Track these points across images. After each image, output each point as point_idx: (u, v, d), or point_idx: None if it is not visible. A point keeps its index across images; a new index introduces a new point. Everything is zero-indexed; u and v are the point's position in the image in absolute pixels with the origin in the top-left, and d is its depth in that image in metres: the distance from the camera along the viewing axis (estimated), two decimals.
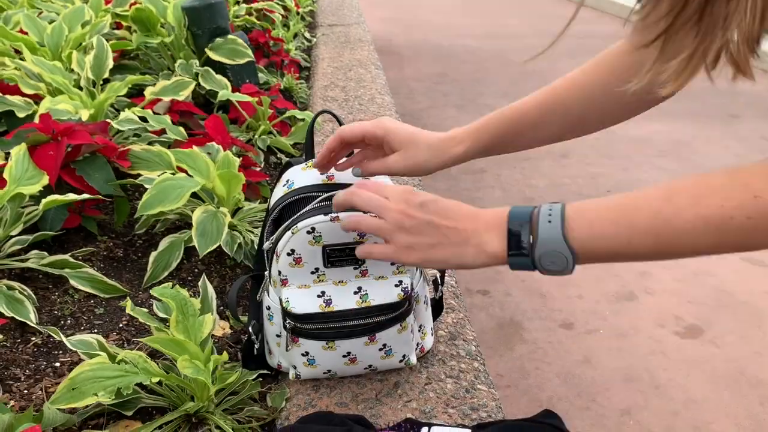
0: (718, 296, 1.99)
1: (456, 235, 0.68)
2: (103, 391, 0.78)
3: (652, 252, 0.60)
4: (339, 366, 0.91)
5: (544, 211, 0.63)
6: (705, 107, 3.65)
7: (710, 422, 1.53)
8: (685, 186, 0.58)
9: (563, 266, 0.63)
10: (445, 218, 0.68)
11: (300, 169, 0.93)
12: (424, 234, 0.69)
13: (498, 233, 0.66)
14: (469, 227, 0.67)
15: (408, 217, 0.69)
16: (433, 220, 0.68)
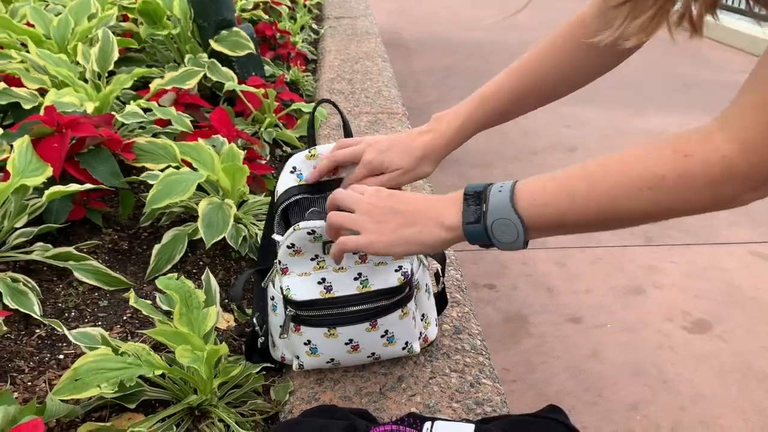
0: (726, 291, 1.97)
1: (418, 216, 0.73)
2: (105, 383, 0.78)
3: (596, 218, 0.63)
4: (342, 354, 0.90)
5: (497, 185, 0.69)
6: (716, 100, 3.61)
7: (718, 417, 1.51)
8: (620, 154, 0.62)
9: (514, 237, 0.67)
10: (408, 203, 0.74)
11: (304, 157, 0.95)
12: (390, 219, 0.74)
13: (454, 206, 0.71)
14: (430, 206, 0.73)
15: (375, 207, 0.75)
16: (397, 207, 0.74)
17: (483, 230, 0.68)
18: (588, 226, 0.65)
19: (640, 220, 0.62)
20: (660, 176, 0.58)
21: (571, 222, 0.64)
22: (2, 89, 1.48)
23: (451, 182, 2.55)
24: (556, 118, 3.27)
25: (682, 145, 0.58)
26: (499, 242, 0.68)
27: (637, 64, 4.68)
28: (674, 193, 0.58)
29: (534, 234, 0.67)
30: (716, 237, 2.25)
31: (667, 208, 0.60)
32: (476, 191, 0.70)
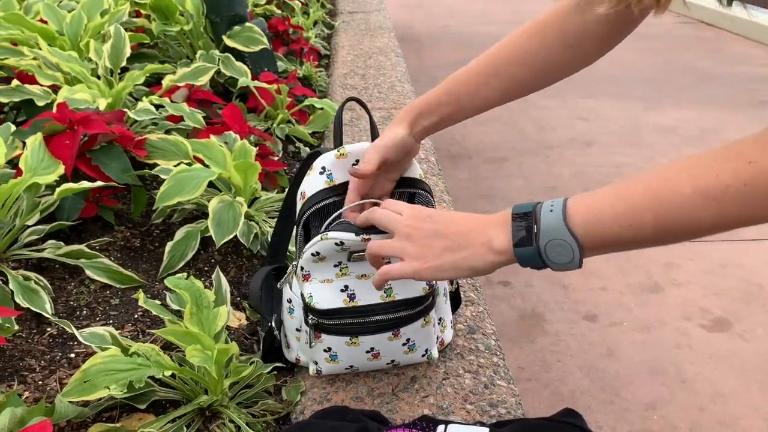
0: (746, 288, 1.94)
1: (463, 239, 0.68)
2: (115, 384, 0.77)
3: (655, 233, 0.59)
4: (362, 361, 0.89)
5: (546, 204, 0.64)
6: (733, 94, 3.56)
7: (738, 417, 1.48)
8: (679, 163, 0.58)
9: (569, 257, 0.62)
10: (452, 224, 0.69)
11: (333, 157, 0.89)
12: (433, 244, 0.69)
13: (503, 228, 0.66)
14: (476, 228, 0.68)
15: (416, 229, 0.70)
16: (440, 229, 0.69)
17: (536, 253, 0.64)
18: (646, 242, 0.61)
19: (706, 231, 0.58)
20: (725, 186, 0.54)
21: (629, 238, 0.60)
22: (15, 86, 1.48)
23: (464, 176, 2.53)
24: (571, 111, 3.24)
25: (746, 151, 0.54)
26: (553, 263, 0.64)
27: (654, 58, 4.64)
28: (740, 203, 0.54)
29: (590, 253, 0.63)
30: (735, 233, 2.21)
31: (735, 217, 0.55)
32: (525, 212, 0.65)
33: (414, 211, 0.73)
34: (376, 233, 0.78)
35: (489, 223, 0.68)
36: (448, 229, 0.69)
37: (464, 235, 0.68)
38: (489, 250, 0.67)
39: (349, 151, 0.89)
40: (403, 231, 0.71)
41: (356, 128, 1.83)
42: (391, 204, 0.76)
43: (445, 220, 0.70)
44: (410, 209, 0.73)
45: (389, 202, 0.77)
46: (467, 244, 0.68)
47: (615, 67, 3.93)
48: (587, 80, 3.70)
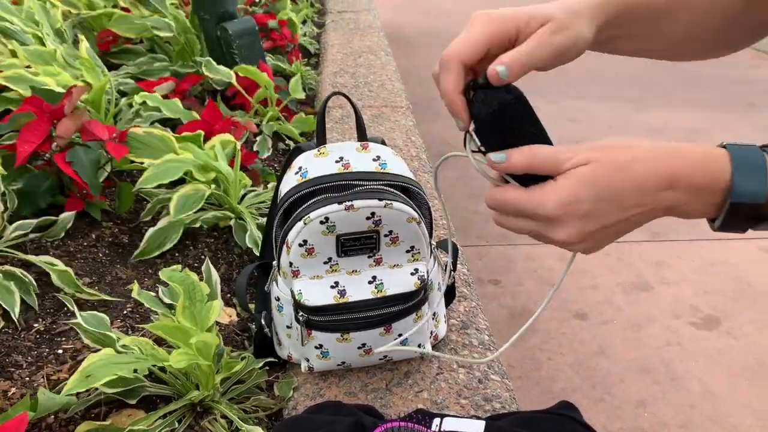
0: (735, 286, 1.95)
1: (646, 217, 0.55)
2: (119, 371, 0.76)
3: None
4: (353, 357, 0.88)
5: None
6: (722, 95, 3.59)
7: (728, 415, 1.49)
8: None
9: None
10: (628, 209, 0.54)
11: (312, 156, 0.88)
12: (611, 237, 0.56)
13: (705, 202, 0.53)
14: (661, 204, 0.54)
15: (590, 237, 0.55)
16: (617, 226, 0.55)
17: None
18: None
19: None
20: None
21: None
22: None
23: (453, 175, 2.52)
24: (561, 112, 3.25)
25: None
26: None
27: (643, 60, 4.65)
28: None
29: None
30: (724, 234, 2.23)
31: None
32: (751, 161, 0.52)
33: (560, 212, 0.54)
34: None
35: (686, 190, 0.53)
36: (627, 216, 0.54)
37: (647, 214, 0.55)
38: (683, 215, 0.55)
39: (330, 150, 0.88)
40: (576, 247, 0.57)
41: (346, 125, 1.83)
42: (509, 207, 0.57)
43: (617, 207, 0.54)
44: (551, 211, 0.54)
45: (505, 205, 0.57)
46: (652, 217, 0.55)
47: (605, 68, 3.95)
48: (577, 81, 3.72)
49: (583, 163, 0.53)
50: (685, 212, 0.55)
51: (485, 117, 0.55)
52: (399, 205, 0.81)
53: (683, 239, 2.19)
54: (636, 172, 0.53)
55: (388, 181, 0.84)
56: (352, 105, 0.96)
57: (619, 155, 0.54)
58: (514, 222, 0.58)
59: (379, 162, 0.86)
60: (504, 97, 0.55)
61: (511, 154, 0.55)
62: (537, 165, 0.54)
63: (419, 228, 0.83)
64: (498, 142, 0.55)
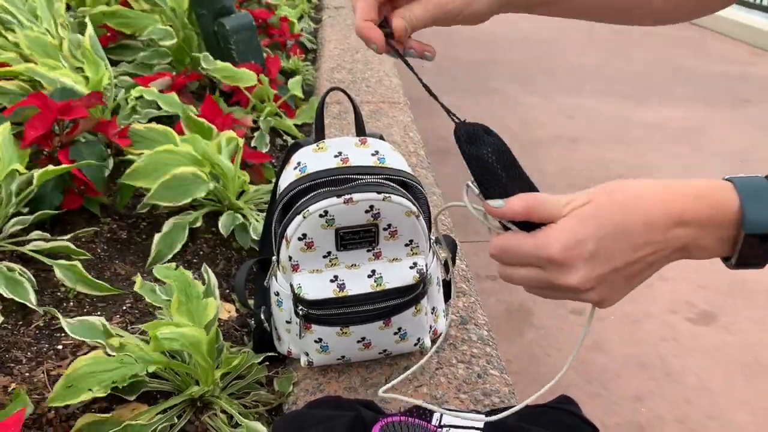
0: (731, 282, 1.96)
1: (659, 257, 0.53)
2: (98, 386, 0.77)
3: None
4: (353, 352, 0.88)
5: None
6: (716, 92, 3.60)
7: (724, 409, 1.50)
8: None
9: None
10: (638, 249, 0.52)
11: (311, 151, 0.88)
12: (627, 282, 0.54)
13: (717, 236, 0.52)
14: (673, 243, 0.52)
15: (602, 281, 0.53)
16: (630, 268, 0.53)
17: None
18: None
19: None
20: None
21: None
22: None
23: (449, 172, 2.53)
24: (557, 109, 3.25)
25: None
26: None
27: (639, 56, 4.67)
28: None
29: None
30: None
31: None
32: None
33: (566, 254, 0.51)
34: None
35: (695, 231, 0.52)
36: (636, 257, 0.52)
37: (660, 258, 0.53)
38: (696, 256, 0.54)
39: (329, 145, 0.88)
40: (588, 297, 0.54)
41: (344, 121, 1.83)
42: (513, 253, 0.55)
43: (623, 249, 0.52)
44: (558, 252, 0.52)
45: (508, 251, 0.55)
46: (664, 260, 0.53)
47: (601, 65, 3.95)
48: (573, 78, 3.72)
49: (584, 203, 0.52)
50: (698, 250, 0.53)
51: (472, 154, 0.54)
52: (398, 198, 0.81)
53: None
54: (641, 209, 0.51)
55: (386, 175, 0.84)
56: (350, 100, 0.96)
57: (621, 193, 0.52)
58: (520, 272, 0.55)
59: (378, 157, 0.87)
60: (486, 139, 0.54)
61: (510, 200, 0.53)
62: (537, 209, 0.53)
63: (418, 222, 0.84)
64: (489, 180, 0.55)
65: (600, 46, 4.17)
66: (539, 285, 0.55)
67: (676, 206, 0.51)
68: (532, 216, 0.53)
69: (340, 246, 0.83)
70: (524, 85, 3.47)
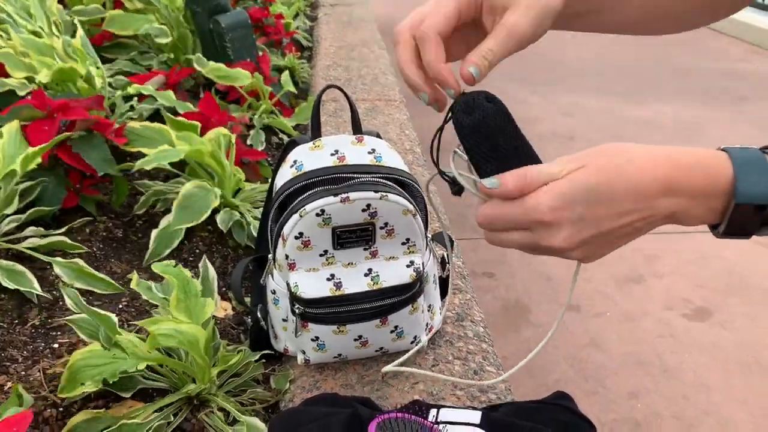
0: (727, 279, 1.96)
1: (646, 224, 0.53)
2: (90, 381, 0.77)
3: None
4: (350, 350, 0.88)
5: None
6: (712, 89, 3.61)
7: (720, 405, 1.50)
8: None
9: None
10: (625, 214, 0.52)
11: (308, 149, 0.88)
12: (611, 245, 0.55)
13: (708, 206, 0.52)
14: (662, 211, 0.53)
15: (587, 243, 0.54)
16: (616, 232, 0.53)
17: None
18: None
19: None
20: None
21: None
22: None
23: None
24: (553, 106, 3.25)
25: None
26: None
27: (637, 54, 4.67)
28: None
29: None
30: None
31: None
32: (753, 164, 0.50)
33: (552, 214, 0.52)
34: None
35: (688, 199, 0.52)
36: (624, 221, 0.53)
37: (648, 222, 0.53)
38: (684, 222, 0.54)
39: (325, 143, 0.88)
40: (571, 255, 0.55)
41: (340, 119, 1.82)
42: (498, 216, 0.55)
43: (612, 213, 0.52)
44: (542, 213, 0.52)
45: (494, 217, 0.55)
46: (651, 225, 0.54)
47: (597, 62, 3.96)
48: (569, 76, 3.72)
49: (577, 168, 0.52)
50: (687, 218, 0.53)
51: (468, 125, 0.54)
52: (394, 197, 0.81)
53: (676, 232, 2.20)
54: (632, 176, 0.51)
55: (383, 174, 0.84)
56: (347, 98, 0.96)
57: (613, 158, 0.52)
58: (507, 236, 0.55)
59: (374, 155, 0.86)
60: (486, 106, 0.54)
61: (504, 178, 0.53)
62: (531, 186, 0.52)
63: (414, 220, 0.84)
64: (484, 153, 0.54)
65: (597, 44, 4.17)
66: (524, 245, 0.55)
67: (667, 174, 0.51)
68: (526, 192, 0.53)
69: (336, 245, 0.83)
70: (523, 83, 3.47)
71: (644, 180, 0.51)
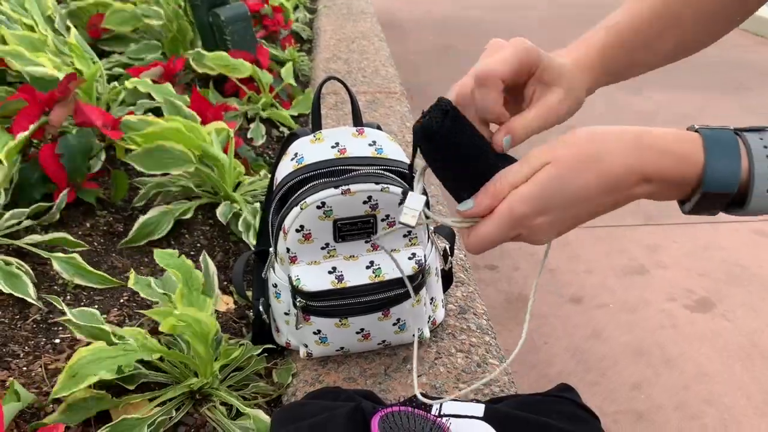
0: (728, 269, 1.96)
1: (618, 206, 0.54)
2: (104, 371, 0.76)
3: None
4: (352, 343, 0.88)
5: (753, 136, 0.51)
6: (714, 79, 3.59)
7: (722, 395, 1.50)
8: None
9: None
10: (600, 207, 0.53)
11: (308, 142, 0.88)
12: (581, 223, 0.55)
13: (679, 189, 0.53)
14: (635, 197, 0.53)
15: (563, 232, 0.55)
16: (589, 219, 0.54)
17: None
18: None
19: None
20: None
21: None
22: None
23: None
24: None
25: None
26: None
27: None
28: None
29: None
30: (717, 216, 2.24)
31: None
32: (728, 182, 0.51)
33: (533, 205, 0.52)
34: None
35: (659, 184, 0.52)
36: (591, 211, 0.53)
37: (612, 204, 0.53)
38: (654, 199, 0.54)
39: (326, 136, 0.87)
40: (539, 243, 0.55)
41: (341, 111, 1.82)
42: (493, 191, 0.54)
43: (582, 201, 0.52)
44: (518, 204, 0.52)
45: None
46: (620, 207, 0.54)
47: None
48: None
49: (543, 164, 0.52)
50: (659, 198, 0.54)
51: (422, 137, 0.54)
52: (396, 189, 0.80)
53: (677, 222, 2.20)
54: (604, 172, 0.51)
55: (384, 166, 0.84)
56: (347, 90, 0.95)
57: (584, 151, 0.51)
58: (493, 245, 0.55)
59: (375, 147, 0.86)
60: (446, 130, 0.54)
61: (478, 198, 0.53)
62: (503, 193, 0.53)
63: None
64: (463, 181, 0.54)
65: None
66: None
67: (640, 162, 0.51)
68: (498, 202, 0.53)
69: (338, 237, 0.83)
70: None
71: (618, 172, 0.51)
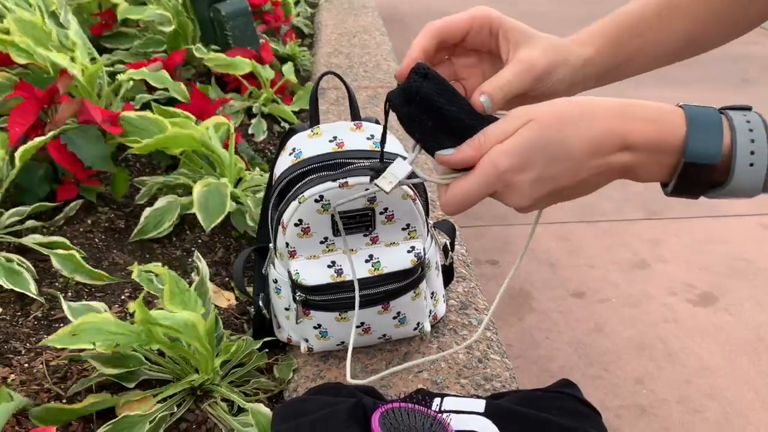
0: (731, 263, 1.95)
1: (601, 179, 0.53)
2: (101, 342, 0.76)
3: None
4: None
5: (737, 115, 0.52)
6: (717, 73, 3.57)
7: (725, 389, 1.50)
8: None
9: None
10: (582, 171, 0.51)
11: (306, 137, 0.88)
12: (565, 198, 0.54)
13: (661, 162, 0.52)
14: (617, 165, 0.52)
15: (543, 199, 0.53)
16: (571, 188, 0.53)
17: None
18: None
19: None
20: None
21: None
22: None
23: None
24: None
25: None
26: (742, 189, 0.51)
27: None
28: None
29: None
30: (719, 209, 2.23)
31: None
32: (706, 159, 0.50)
33: (514, 164, 0.50)
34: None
35: (643, 157, 0.51)
36: (573, 186, 0.52)
37: (593, 184, 0.53)
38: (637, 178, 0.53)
39: (324, 130, 0.88)
40: (519, 209, 0.54)
41: (342, 107, 1.81)
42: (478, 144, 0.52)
43: (565, 177, 0.51)
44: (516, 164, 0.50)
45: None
46: (603, 180, 0.53)
47: None
48: None
49: (527, 122, 0.50)
50: (642, 174, 0.53)
51: (405, 114, 0.53)
52: None
53: (679, 216, 2.19)
54: (587, 131, 0.50)
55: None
56: (344, 84, 0.96)
57: (567, 113, 0.51)
58: (471, 203, 0.54)
59: (373, 140, 0.86)
60: (428, 88, 0.53)
61: (461, 147, 0.52)
62: (486, 146, 0.51)
63: (414, 205, 0.83)
64: (427, 125, 0.53)
65: None
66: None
67: (623, 129, 0.50)
68: (482, 152, 0.51)
69: (336, 231, 0.83)
70: None
71: (600, 133, 0.50)
